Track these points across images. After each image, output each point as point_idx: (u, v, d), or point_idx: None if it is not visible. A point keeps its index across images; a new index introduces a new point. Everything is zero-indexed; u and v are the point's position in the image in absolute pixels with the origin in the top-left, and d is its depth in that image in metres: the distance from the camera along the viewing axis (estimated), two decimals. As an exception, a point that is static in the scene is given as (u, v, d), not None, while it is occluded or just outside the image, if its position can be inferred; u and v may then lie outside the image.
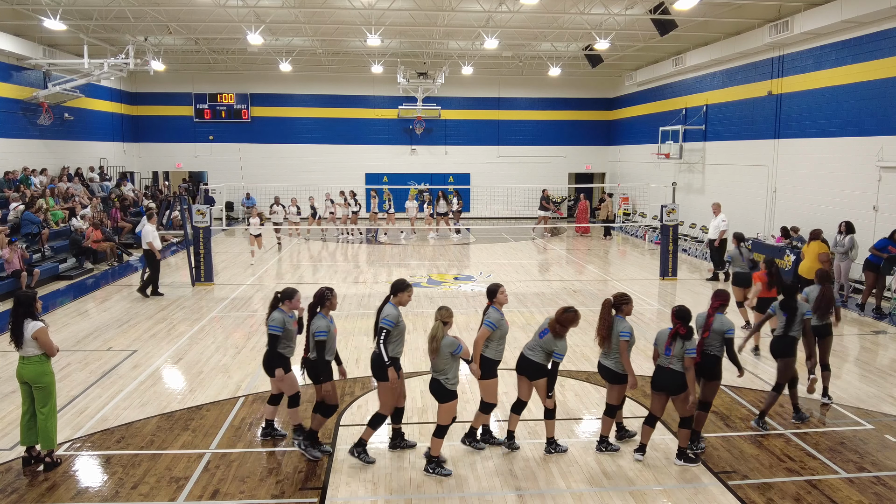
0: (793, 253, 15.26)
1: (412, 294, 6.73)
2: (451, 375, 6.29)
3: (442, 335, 6.19)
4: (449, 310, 6.38)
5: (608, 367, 6.72)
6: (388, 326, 6.39)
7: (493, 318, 6.55)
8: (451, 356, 6.23)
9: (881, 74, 14.07)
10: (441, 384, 6.30)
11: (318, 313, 6.62)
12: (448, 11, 18.19)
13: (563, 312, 6.59)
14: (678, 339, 6.39)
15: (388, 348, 6.39)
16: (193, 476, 6.37)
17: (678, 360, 6.39)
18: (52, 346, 6.49)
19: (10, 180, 19.05)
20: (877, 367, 9.95)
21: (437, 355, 6.25)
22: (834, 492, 6.13)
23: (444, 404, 6.35)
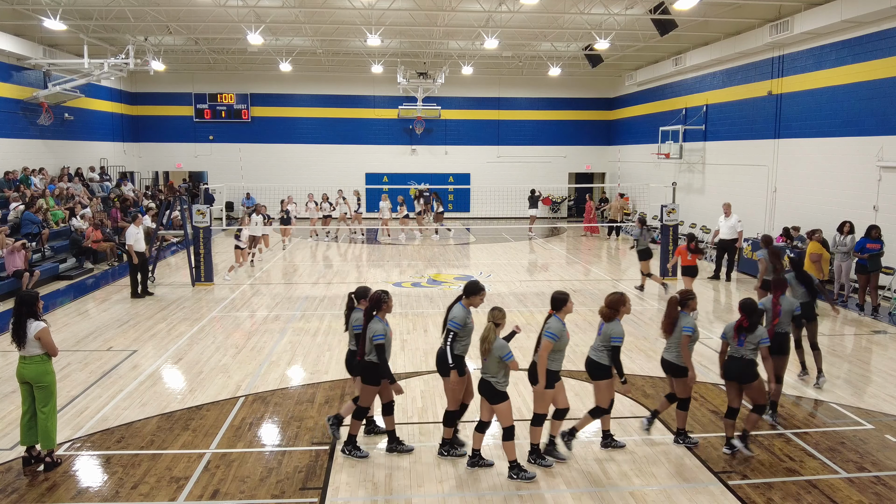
0: (794, 253, 15.24)
1: (484, 297, 6.65)
2: (501, 378, 6.21)
3: (493, 337, 6.10)
4: (502, 311, 6.26)
5: (670, 361, 6.93)
6: (456, 329, 6.41)
7: (556, 329, 6.31)
8: (500, 360, 6.13)
9: (881, 74, 14.07)
10: (491, 385, 6.20)
11: (374, 316, 6.56)
12: (448, 11, 18.19)
13: (611, 297, 6.68)
14: (743, 331, 6.65)
15: (454, 348, 6.40)
16: (193, 476, 6.37)
17: (751, 349, 6.66)
18: (54, 346, 6.49)
19: (10, 180, 19.06)
20: (877, 367, 9.95)
21: (488, 357, 6.18)
22: (834, 492, 6.13)
23: (497, 405, 6.23)
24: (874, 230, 12.78)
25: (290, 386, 8.89)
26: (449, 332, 6.42)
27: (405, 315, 12.81)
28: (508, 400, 6.26)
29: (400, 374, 9.30)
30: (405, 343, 10.88)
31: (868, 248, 12.68)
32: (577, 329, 11.75)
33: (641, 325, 12.08)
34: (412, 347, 10.64)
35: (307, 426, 7.52)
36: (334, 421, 7.13)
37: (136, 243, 14.14)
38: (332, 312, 13.00)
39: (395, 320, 12.34)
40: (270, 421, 7.72)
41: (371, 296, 6.66)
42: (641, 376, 9.26)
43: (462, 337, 6.46)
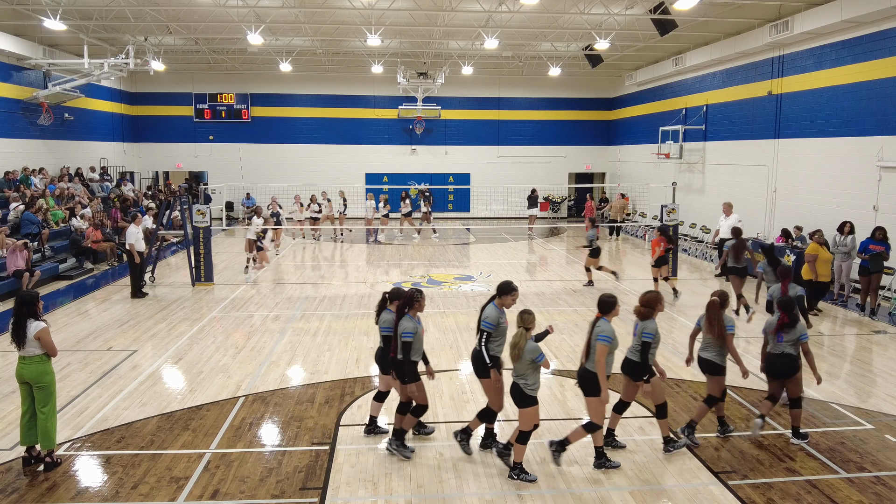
0: (793, 253, 15.24)
1: (517, 298, 6.66)
2: (532, 381, 6.18)
3: (524, 343, 6.10)
4: (532, 315, 6.26)
5: (708, 359, 7.04)
6: (489, 329, 6.43)
7: (608, 332, 6.30)
8: (532, 363, 6.14)
9: (881, 74, 14.07)
10: (521, 388, 6.19)
11: (405, 314, 6.56)
12: (448, 11, 18.19)
13: (646, 295, 6.79)
14: (784, 328, 6.89)
15: (489, 349, 6.40)
16: (193, 476, 6.37)
17: (790, 345, 6.89)
18: (54, 346, 6.49)
19: (10, 180, 19.06)
20: (877, 367, 9.95)
21: (518, 361, 6.17)
22: (834, 492, 6.13)
23: (523, 409, 6.23)
24: (878, 231, 12.68)
25: (290, 386, 8.89)
26: (482, 333, 6.42)
27: (405, 315, 12.80)
28: (536, 406, 6.24)
29: (400, 374, 9.31)
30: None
31: (871, 249, 12.59)
32: (577, 330, 11.75)
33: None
34: (412, 347, 10.63)
35: (307, 426, 7.52)
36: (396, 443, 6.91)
37: (138, 243, 14.16)
38: (332, 312, 13.00)
39: (395, 320, 12.34)
40: (270, 421, 7.72)
41: (405, 293, 6.68)
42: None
43: (495, 337, 6.45)
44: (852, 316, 12.88)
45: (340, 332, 11.60)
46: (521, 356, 6.11)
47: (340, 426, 7.54)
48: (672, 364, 9.79)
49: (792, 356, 6.91)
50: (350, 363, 9.81)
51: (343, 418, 7.76)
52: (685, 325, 11.97)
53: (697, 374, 9.14)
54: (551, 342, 10.83)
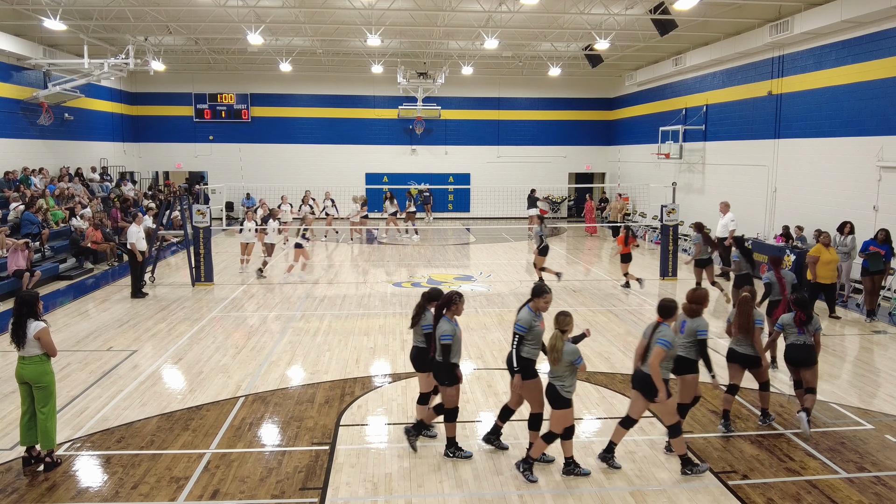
0: (793, 253, 15.25)
1: (550, 301, 6.62)
2: (569, 383, 6.17)
3: (561, 345, 6.10)
4: (569, 317, 6.23)
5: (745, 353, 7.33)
6: (521, 332, 6.40)
7: (669, 337, 6.26)
8: (570, 364, 6.12)
9: (881, 74, 14.07)
10: (556, 390, 6.18)
11: (443, 316, 6.58)
12: (448, 11, 18.19)
13: (693, 292, 6.94)
14: (803, 323, 7.31)
15: (521, 351, 6.38)
16: (193, 476, 6.37)
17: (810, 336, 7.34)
18: (53, 346, 6.49)
19: (10, 180, 19.06)
20: (877, 367, 9.95)
21: (557, 363, 6.15)
22: (834, 492, 6.13)
23: (557, 410, 6.22)
24: (881, 233, 12.58)
25: (290, 386, 8.89)
26: (515, 336, 6.42)
27: (405, 315, 12.81)
28: (571, 409, 6.23)
29: (400, 374, 9.32)
30: (405, 343, 10.88)
31: (871, 250, 12.50)
32: (577, 329, 11.73)
33: (641, 324, 12.07)
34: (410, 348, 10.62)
35: (307, 426, 7.52)
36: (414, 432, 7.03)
37: (138, 242, 14.17)
38: (332, 312, 13.01)
39: (395, 320, 12.36)
40: (270, 421, 7.71)
41: (444, 295, 6.70)
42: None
43: (529, 340, 6.41)
44: (852, 316, 12.87)
45: (340, 332, 11.60)
46: (560, 358, 6.10)
47: (340, 426, 7.54)
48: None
49: (810, 346, 7.35)
50: (350, 363, 9.81)
51: (343, 418, 7.76)
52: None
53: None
54: (551, 342, 10.83)
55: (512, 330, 6.53)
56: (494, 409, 8.00)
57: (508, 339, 10.91)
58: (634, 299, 14.25)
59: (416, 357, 7.06)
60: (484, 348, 10.59)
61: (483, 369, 9.59)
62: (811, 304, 10.01)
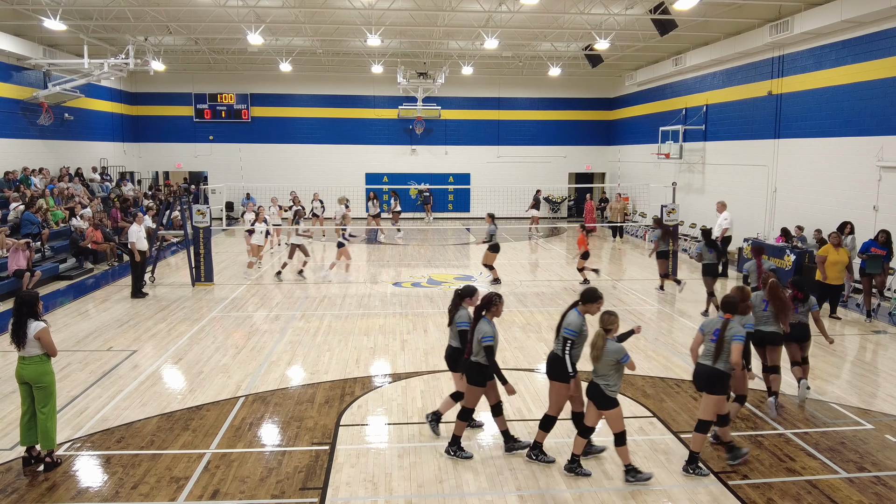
0: (793, 253, 15.25)
1: (602, 306, 6.57)
2: (613, 382, 6.12)
3: (602, 343, 6.06)
4: (614, 317, 6.20)
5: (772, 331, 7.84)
6: (571, 336, 6.32)
7: (742, 331, 6.34)
8: (616, 363, 6.08)
9: (881, 74, 14.07)
10: (601, 389, 6.14)
11: (483, 317, 6.57)
12: (448, 11, 18.19)
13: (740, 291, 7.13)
14: (798, 302, 7.99)
15: (573, 357, 6.34)
16: (193, 476, 6.37)
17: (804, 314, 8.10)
18: (54, 346, 6.49)
19: (10, 180, 19.05)
20: (877, 367, 9.95)
21: (599, 362, 6.12)
22: (834, 492, 6.13)
23: (610, 411, 6.15)
24: (881, 234, 12.52)
25: (290, 386, 8.89)
26: (566, 341, 6.34)
27: (405, 315, 12.81)
28: (619, 406, 6.19)
29: (400, 374, 9.32)
30: (405, 343, 10.88)
31: (871, 251, 12.44)
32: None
33: (641, 324, 12.05)
34: (412, 347, 10.64)
35: (307, 426, 7.52)
36: (433, 417, 7.23)
37: (139, 242, 14.17)
38: (332, 312, 13.01)
39: (395, 320, 12.36)
40: (270, 421, 7.71)
41: (483, 296, 6.67)
42: (641, 376, 9.25)
43: (577, 344, 6.38)
44: (852, 316, 12.87)
45: (340, 332, 11.60)
46: (602, 357, 6.06)
47: (340, 426, 7.54)
48: (672, 364, 9.80)
49: (806, 324, 8.12)
50: (350, 363, 9.81)
51: (343, 418, 7.76)
52: (685, 326, 11.98)
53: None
54: (552, 342, 10.81)
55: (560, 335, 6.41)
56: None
57: (508, 339, 10.93)
58: (634, 298, 14.24)
59: (451, 357, 7.08)
60: (484, 348, 10.57)
61: (483, 369, 9.57)
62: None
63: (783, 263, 15.30)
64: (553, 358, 6.50)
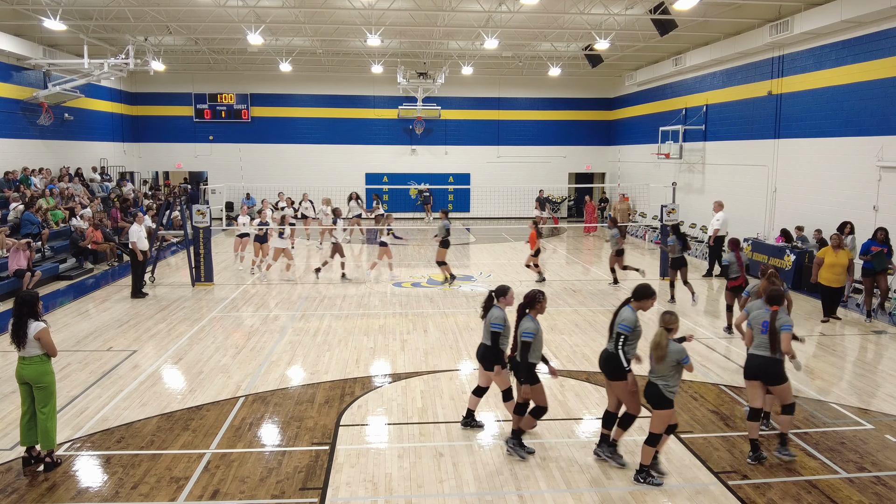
0: (793, 253, 15.25)
1: (655, 302, 6.67)
2: (673, 383, 6.12)
3: (666, 342, 6.06)
4: (674, 316, 6.20)
5: None
6: (626, 332, 6.38)
7: (790, 321, 6.61)
8: (677, 364, 6.09)
9: (881, 74, 14.07)
10: (660, 389, 6.12)
11: (526, 314, 6.65)
12: (448, 11, 18.19)
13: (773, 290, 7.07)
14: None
15: (626, 352, 6.39)
16: (193, 476, 6.37)
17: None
18: (54, 346, 6.49)
19: (10, 180, 19.05)
20: (877, 367, 9.95)
21: (661, 363, 6.12)
22: (834, 492, 6.13)
23: (659, 411, 6.14)
24: (880, 232, 12.44)
25: (290, 386, 8.89)
26: (619, 336, 6.38)
27: (405, 315, 12.82)
28: (672, 409, 6.19)
29: (400, 374, 9.32)
30: (405, 343, 10.89)
31: (872, 250, 12.34)
32: (577, 329, 11.75)
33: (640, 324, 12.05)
34: (412, 347, 10.64)
35: (307, 426, 7.52)
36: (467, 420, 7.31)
37: (140, 241, 14.18)
38: (332, 312, 13.01)
39: (395, 320, 12.36)
40: (270, 421, 7.71)
41: (526, 294, 6.74)
42: (641, 376, 9.23)
43: (631, 340, 6.43)
44: (853, 316, 12.87)
45: (340, 332, 11.61)
46: (666, 357, 6.07)
47: (340, 426, 7.54)
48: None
49: None
50: (350, 363, 9.81)
51: (343, 418, 7.76)
52: (684, 326, 11.98)
53: (697, 375, 9.18)
54: (552, 343, 10.84)
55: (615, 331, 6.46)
56: (494, 409, 8.01)
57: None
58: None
59: (482, 354, 7.15)
60: (484, 348, 10.57)
61: (483, 369, 9.57)
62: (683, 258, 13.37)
63: (783, 264, 15.30)
64: (608, 356, 6.55)
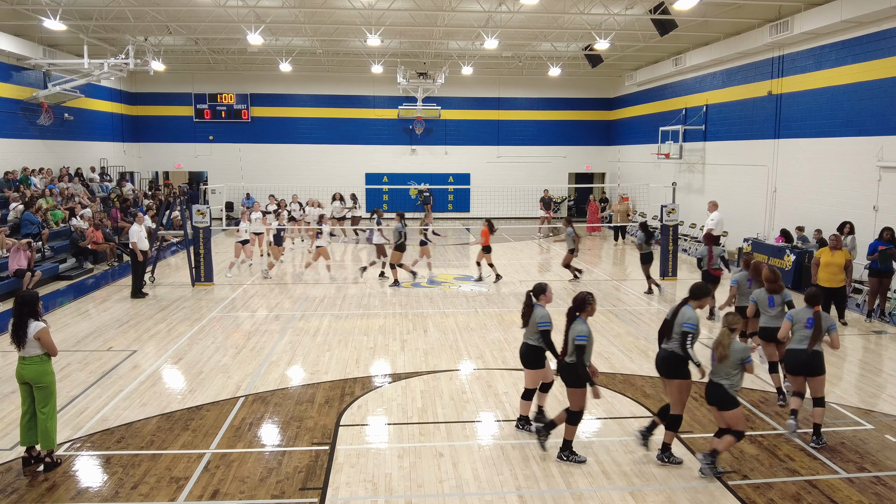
0: (793, 253, 15.25)
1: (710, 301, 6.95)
2: (737, 381, 6.23)
3: (728, 341, 6.16)
4: (737, 316, 6.33)
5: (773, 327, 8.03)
6: (692, 329, 6.43)
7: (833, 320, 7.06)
8: (740, 362, 6.16)
9: (881, 74, 14.07)
10: (724, 389, 6.22)
11: (577, 317, 6.59)
12: (448, 11, 18.19)
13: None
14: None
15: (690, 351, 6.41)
16: (193, 476, 6.37)
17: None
18: (54, 346, 6.49)
19: (10, 180, 19.05)
20: (877, 367, 9.95)
21: (724, 361, 6.20)
22: (834, 492, 6.13)
23: (731, 412, 6.23)
24: (886, 232, 12.34)
25: (290, 386, 8.89)
26: (686, 335, 6.38)
27: (405, 315, 12.82)
28: (741, 407, 6.30)
29: (400, 374, 9.32)
30: (405, 343, 10.89)
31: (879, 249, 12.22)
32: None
33: (641, 324, 12.08)
34: (412, 347, 10.64)
35: (307, 426, 7.52)
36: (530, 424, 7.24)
37: (140, 241, 14.17)
38: (332, 312, 13.01)
39: (395, 320, 12.36)
40: (270, 421, 7.72)
41: (576, 297, 6.68)
42: (641, 376, 9.26)
43: (696, 339, 6.46)
44: (853, 316, 12.86)
45: (340, 332, 11.61)
46: (729, 355, 6.16)
47: (340, 426, 7.54)
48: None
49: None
50: (350, 363, 9.81)
51: (343, 418, 7.76)
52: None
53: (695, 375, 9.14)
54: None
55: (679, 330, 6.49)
56: (494, 409, 8.01)
57: (508, 339, 10.94)
58: (634, 298, 14.24)
59: (525, 354, 7.16)
60: (484, 348, 10.58)
61: (483, 369, 9.58)
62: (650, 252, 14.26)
63: (783, 264, 15.30)
64: (668, 356, 6.55)
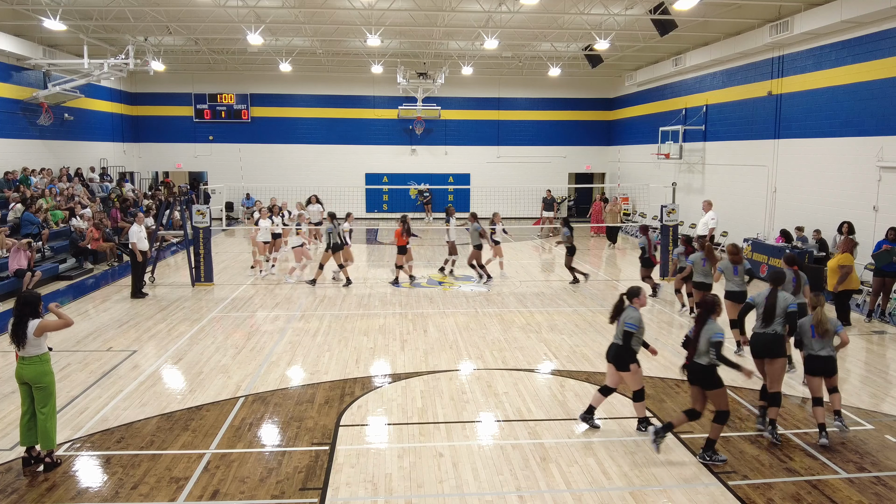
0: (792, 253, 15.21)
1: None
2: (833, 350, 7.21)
3: (827, 318, 7.01)
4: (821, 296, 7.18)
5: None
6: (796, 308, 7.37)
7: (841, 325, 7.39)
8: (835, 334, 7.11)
9: (881, 74, 14.07)
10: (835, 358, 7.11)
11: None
12: (448, 11, 18.19)
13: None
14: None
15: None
16: (193, 476, 6.37)
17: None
18: (62, 321, 6.64)
19: (10, 180, 19.05)
20: (877, 367, 9.95)
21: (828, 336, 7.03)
22: (834, 492, 6.13)
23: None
24: (891, 232, 12.23)
25: (290, 386, 8.89)
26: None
27: (405, 315, 12.82)
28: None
29: (400, 374, 9.32)
30: (405, 343, 10.88)
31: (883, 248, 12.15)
32: (577, 330, 11.76)
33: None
34: (412, 347, 10.64)
35: (307, 426, 7.52)
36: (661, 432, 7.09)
37: (140, 242, 14.17)
38: (332, 312, 13.01)
39: (395, 320, 12.36)
40: (270, 421, 7.72)
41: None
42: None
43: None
44: (853, 316, 12.83)
45: (340, 332, 11.61)
46: (829, 329, 7.02)
47: (340, 426, 7.54)
48: (672, 364, 9.79)
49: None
50: (350, 363, 9.81)
51: (343, 418, 7.76)
52: (685, 325, 11.98)
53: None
54: (552, 343, 10.84)
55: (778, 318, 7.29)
56: (494, 410, 8.01)
57: (508, 339, 10.95)
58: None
59: (616, 354, 7.31)
60: (484, 348, 10.58)
61: (483, 369, 9.58)
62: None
63: (783, 264, 15.26)
64: (773, 338, 7.32)
